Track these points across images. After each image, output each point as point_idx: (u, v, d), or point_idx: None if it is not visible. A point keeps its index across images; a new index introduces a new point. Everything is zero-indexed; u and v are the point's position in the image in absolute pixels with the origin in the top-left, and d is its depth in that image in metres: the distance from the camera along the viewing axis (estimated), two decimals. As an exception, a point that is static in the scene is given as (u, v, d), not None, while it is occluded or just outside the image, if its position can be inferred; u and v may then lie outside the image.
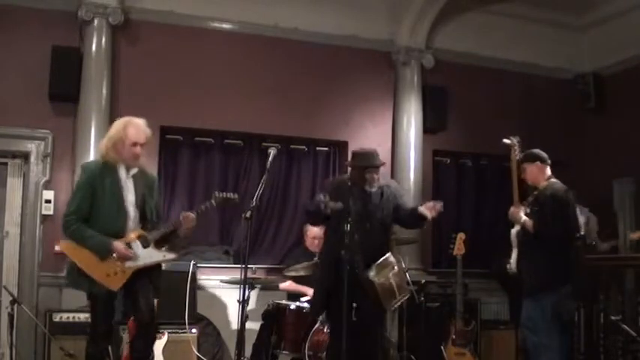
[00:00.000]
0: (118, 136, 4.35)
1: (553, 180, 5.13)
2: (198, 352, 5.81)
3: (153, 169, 6.87)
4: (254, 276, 5.25)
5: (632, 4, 7.78)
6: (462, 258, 6.53)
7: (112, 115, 6.64)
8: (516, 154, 5.26)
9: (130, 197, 4.33)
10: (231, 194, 4.69)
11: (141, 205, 4.37)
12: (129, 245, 4.26)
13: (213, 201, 4.52)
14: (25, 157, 6.62)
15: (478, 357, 6.61)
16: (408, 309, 6.49)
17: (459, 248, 6.54)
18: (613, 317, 5.71)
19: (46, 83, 6.48)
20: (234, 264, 6.89)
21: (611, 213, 7.95)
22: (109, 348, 4.42)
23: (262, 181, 4.19)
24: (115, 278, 4.23)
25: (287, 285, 6.17)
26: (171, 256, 4.41)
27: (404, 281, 4.97)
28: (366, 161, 4.86)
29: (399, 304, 5.07)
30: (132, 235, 4.29)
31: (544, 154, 5.22)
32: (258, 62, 7.28)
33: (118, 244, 4.21)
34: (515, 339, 6.41)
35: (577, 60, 8.64)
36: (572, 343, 5.11)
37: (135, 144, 4.33)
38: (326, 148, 7.66)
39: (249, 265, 4.50)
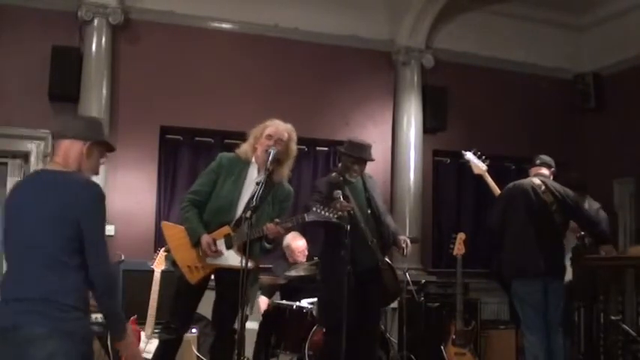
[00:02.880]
0: (259, 131, 4.35)
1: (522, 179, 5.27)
2: (198, 352, 5.80)
3: (153, 169, 6.90)
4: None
5: (631, 4, 7.78)
6: (462, 258, 6.52)
7: (112, 115, 6.67)
8: (478, 164, 5.54)
9: (246, 197, 4.24)
10: (329, 211, 4.25)
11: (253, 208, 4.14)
12: (214, 242, 4.18)
13: (306, 215, 4.26)
14: (25, 157, 6.63)
15: (478, 357, 6.60)
16: (408, 309, 6.50)
17: (459, 248, 6.53)
18: (613, 317, 5.70)
19: (46, 83, 6.49)
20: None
21: (611, 213, 7.94)
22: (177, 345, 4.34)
23: (262, 181, 4.16)
24: (195, 272, 4.21)
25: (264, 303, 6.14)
26: (248, 264, 4.07)
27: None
28: (365, 154, 4.87)
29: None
30: (220, 233, 4.21)
31: (534, 158, 5.35)
32: (258, 62, 7.29)
33: (206, 238, 4.15)
34: (515, 339, 6.40)
35: (577, 60, 8.64)
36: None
37: (269, 136, 4.28)
38: (326, 148, 7.66)
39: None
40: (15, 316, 2.62)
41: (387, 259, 4.85)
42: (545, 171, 5.22)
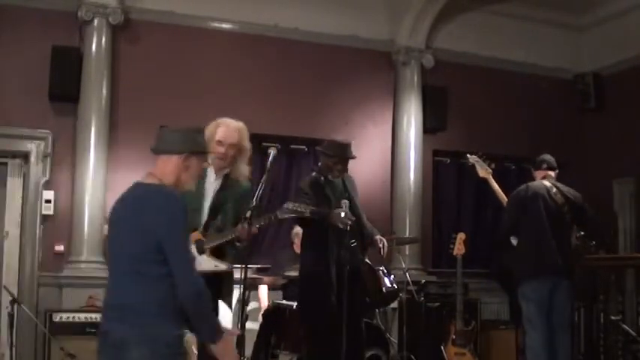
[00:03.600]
0: (210, 134, 4.24)
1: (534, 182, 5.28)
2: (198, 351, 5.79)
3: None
4: (254, 276, 5.24)
5: (632, 4, 7.78)
6: (462, 258, 6.53)
7: (112, 115, 6.67)
8: (483, 167, 5.59)
9: (208, 200, 4.22)
10: (301, 206, 4.25)
11: (215, 211, 4.18)
12: None
13: (278, 212, 4.21)
14: (25, 157, 6.62)
15: (478, 357, 6.60)
16: (408, 309, 6.49)
17: (459, 248, 6.54)
18: (613, 317, 5.72)
19: (46, 83, 6.48)
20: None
21: (611, 213, 7.95)
22: None
23: (262, 181, 4.15)
24: None
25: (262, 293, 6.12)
26: (222, 266, 4.13)
27: None
28: (347, 153, 4.85)
29: None
30: (190, 238, 4.10)
31: (537, 160, 5.37)
32: (258, 62, 7.28)
33: None
34: (515, 339, 6.40)
35: (577, 60, 8.64)
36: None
37: (219, 142, 4.24)
38: (326, 148, 7.65)
39: (249, 266, 4.47)
40: (105, 322, 2.83)
41: (367, 260, 4.87)
42: (552, 173, 5.28)
